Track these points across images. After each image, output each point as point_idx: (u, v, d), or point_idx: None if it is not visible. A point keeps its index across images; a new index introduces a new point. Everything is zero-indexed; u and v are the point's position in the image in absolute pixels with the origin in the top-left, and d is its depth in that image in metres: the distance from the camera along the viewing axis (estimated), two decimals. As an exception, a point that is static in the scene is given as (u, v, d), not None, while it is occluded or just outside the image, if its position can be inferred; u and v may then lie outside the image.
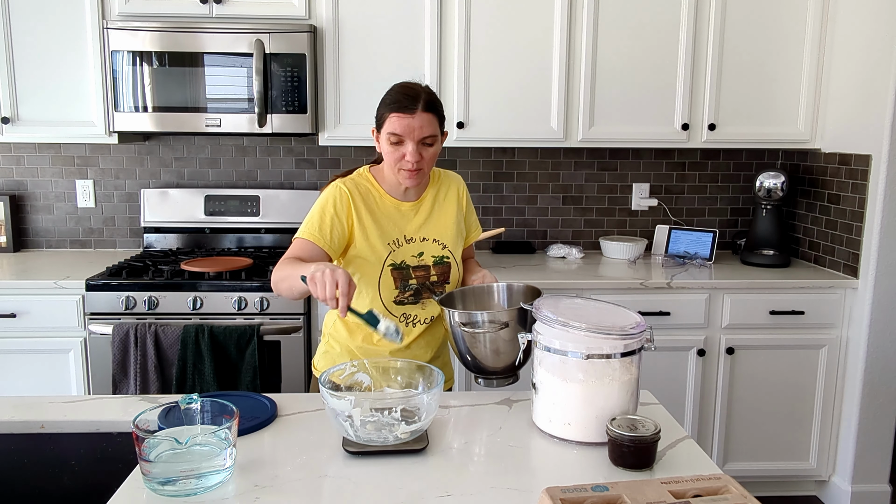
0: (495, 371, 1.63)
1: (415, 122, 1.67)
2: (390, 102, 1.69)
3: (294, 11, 2.83)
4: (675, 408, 2.83)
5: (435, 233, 1.81)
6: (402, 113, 1.67)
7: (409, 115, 1.66)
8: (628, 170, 3.34)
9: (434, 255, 1.80)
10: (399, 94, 1.70)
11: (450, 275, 1.82)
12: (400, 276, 1.77)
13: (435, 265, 1.80)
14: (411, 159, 1.68)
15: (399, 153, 1.69)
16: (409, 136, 1.67)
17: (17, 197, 3.25)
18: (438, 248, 1.81)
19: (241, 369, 2.58)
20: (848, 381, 2.84)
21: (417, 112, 1.67)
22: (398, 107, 1.67)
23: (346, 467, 1.30)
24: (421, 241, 1.79)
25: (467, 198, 1.93)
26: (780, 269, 2.98)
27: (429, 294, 1.80)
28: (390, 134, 1.68)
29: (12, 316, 2.65)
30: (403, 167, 1.70)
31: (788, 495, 2.98)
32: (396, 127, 1.67)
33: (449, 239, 1.83)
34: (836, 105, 2.90)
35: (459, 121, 2.90)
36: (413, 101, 1.67)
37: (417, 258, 1.79)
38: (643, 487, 1.07)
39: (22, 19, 2.80)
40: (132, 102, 2.79)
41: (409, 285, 1.78)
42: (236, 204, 3.18)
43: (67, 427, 1.48)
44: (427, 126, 1.68)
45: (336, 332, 1.86)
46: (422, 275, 1.79)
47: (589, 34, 2.88)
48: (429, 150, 1.71)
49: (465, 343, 1.62)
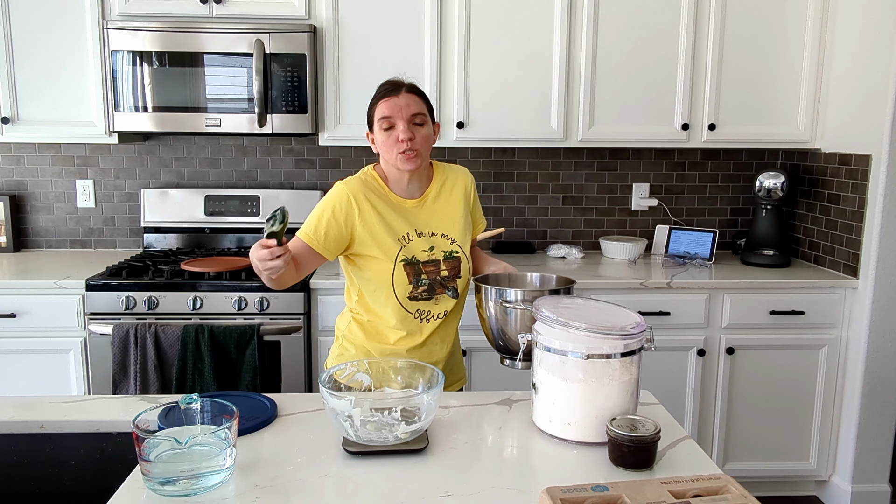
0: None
1: (401, 100, 1.74)
2: (376, 94, 1.79)
3: (294, 11, 2.83)
4: (675, 408, 2.83)
5: (443, 228, 1.83)
6: (388, 97, 1.75)
7: (395, 96, 1.74)
8: (628, 170, 3.34)
9: (444, 251, 1.82)
10: (384, 85, 1.79)
11: (460, 269, 1.84)
12: (412, 271, 1.78)
13: (445, 260, 1.82)
14: (404, 135, 1.72)
15: (393, 136, 1.74)
16: (399, 115, 1.73)
17: (17, 197, 3.25)
18: (447, 242, 1.83)
19: (241, 369, 2.58)
20: (848, 381, 2.84)
21: (402, 92, 1.75)
22: (383, 93, 1.76)
23: (346, 467, 1.30)
24: (430, 235, 1.81)
25: (475, 192, 1.95)
26: (780, 269, 2.98)
27: (441, 290, 1.81)
28: (381, 119, 1.74)
29: (12, 316, 2.65)
30: (399, 149, 1.73)
31: (788, 495, 2.98)
32: (385, 110, 1.74)
33: (457, 233, 1.85)
34: (836, 105, 2.90)
35: (459, 121, 2.90)
36: (396, 86, 1.77)
37: (428, 253, 1.80)
38: (643, 487, 1.07)
39: (22, 19, 2.80)
40: (132, 102, 2.79)
41: (421, 280, 1.79)
42: (236, 204, 3.18)
43: (67, 427, 1.48)
44: (413, 104, 1.75)
45: (351, 333, 1.87)
46: (432, 270, 1.80)
47: (589, 34, 2.88)
48: (420, 129, 1.76)
49: (497, 321, 1.68)
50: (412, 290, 1.79)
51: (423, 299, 1.80)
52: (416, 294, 1.79)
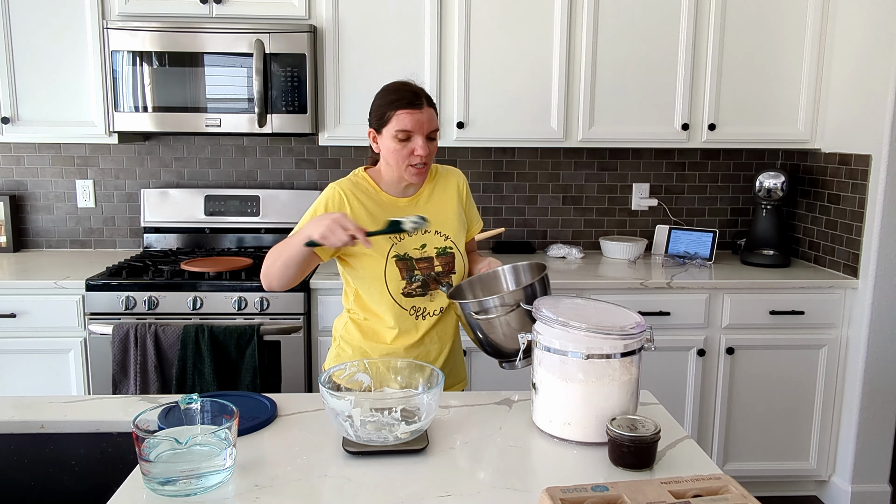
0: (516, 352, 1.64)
1: (423, 116, 1.71)
2: (395, 100, 1.72)
3: (294, 11, 2.83)
4: (675, 408, 2.83)
5: (436, 224, 1.82)
6: (410, 109, 1.70)
7: (418, 111, 1.71)
8: (628, 170, 3.34)
9: (437, 247, 1.81)
10: (403, 92, 1.73)
11: (454, 265, 1.83)
12: (405, 267, 1.77)
13: (438, 256, 1.81)
14: (422, 153, 1.71)
15: (408, 149, 1.72)
16: (419, 131, 1.71)
17: (17, 197, 3.25)
18: (441, 239, 1.82)
19: (241, 369, 2.58)
20: (848, 381, 2.84)
21: (424, 107, 1.72)
22: (406, 103, 1.71)
23: (346, 467, 1.30)
24: (423, 233, 1.80)
25: (468, 191, 1.95)
26: (780, 269, 2.98)
27: (436, 285, 1.81)
28: (399, 131, 1.70)
29: (12, 316, 2.65)
30: (413, 163, 1.73)
31: (788, 495, 2.98)
32: (406, 123, 1.70)
33: (451, 230, 1.84)
34: (836, 105, 2.90)
35: (459, 121, 2.90)
36: (418, 96, 1.73)
37: (420, 250, 1.79)
38: (643, 487, 1.07)
39: (22, 19, 2.80)
40: (132, 102, 2.79)
41: (415, 276, 1.78)
42: (236, 204, 3.18)
43: (67, 427, 1.48)
44: (433, 120, 1.74)
45: (348, 334, 1.86)
46: (425, 266, 1.79)
47: (589, 34, 2.88)
48: (433, 144, 1.75)
49: (482, 331, 1.66)
50: (406, 286, 1.78)
51: (418, 295, 1.79)
52: (411, 290, 1.78)
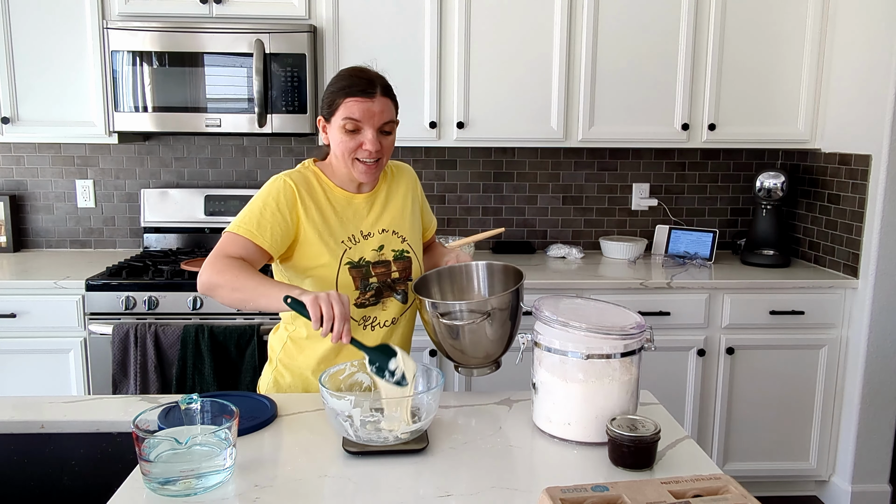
0: (478, 360, 1.60)
1: (375, 106, 1.56)
2: (345, 86, 1.57)
3: (294, 11, 2.83)
4: (675, 408, 2.83)
5: (393, 224, 1.69)
6: (360, 97, 1.55)
7: (369, 99, 1.55)
8: (628, 170, 3.34)
9: (394, 250, 1.68)
10: (354, 78, 1.58)
11: (411, 271, 1.70)
12: (359, 275, 1.62)
13: (395, 261, 1.67)
14: (372, 147, 1.56)
15: (356, 142, 1.57)
16: (369, 123, 1.56)
17: (17, 197, 3.24)
18: (398, 240, 1.69)
19: (241, 369, 2.58)
20: (848, 380, 2.83)
21: (377, 96, 1.56)
22: (356, 90, 1.55)
23: (346, 467, 1.30)
24: (380, 232, 1.66)
25: (421, 191, 1.83)
26: (780, 269, 2.98)
27: (390, 293, 1.67)
28: (347, 120, 1.56)
29: (12, 316, 2.65)
30: (361, 157, 1.58)
31: (788, 495, 2.98)
32: (354, 112, 1.55)
33: (407, 231, 1.71)
34: (835, 105, 2.90)
35: (459, 121, 2.90)
36: (371, 84, 1.57)
37: (378, 252, 1.65)
38: (643, 487, 1.07)
39: (22, 19, 2.80)
40: (132, 102, 2.79)
41: (369, 285, 1.64)
42: (236, 204, 3.17)
43: (67, 427, 1.48)
44: (387, 111, 1.58)
45: (287, 357, 1.70)
46: (382, 272, 1.65)
47: (589, 34, 2.88)
48: (387, 138, 1.61)
49: (443, 334, 1.55)
50: (358, 297, 1.62)
51: (370, 304, 1.64)
52: (364, 300, 1.63)
